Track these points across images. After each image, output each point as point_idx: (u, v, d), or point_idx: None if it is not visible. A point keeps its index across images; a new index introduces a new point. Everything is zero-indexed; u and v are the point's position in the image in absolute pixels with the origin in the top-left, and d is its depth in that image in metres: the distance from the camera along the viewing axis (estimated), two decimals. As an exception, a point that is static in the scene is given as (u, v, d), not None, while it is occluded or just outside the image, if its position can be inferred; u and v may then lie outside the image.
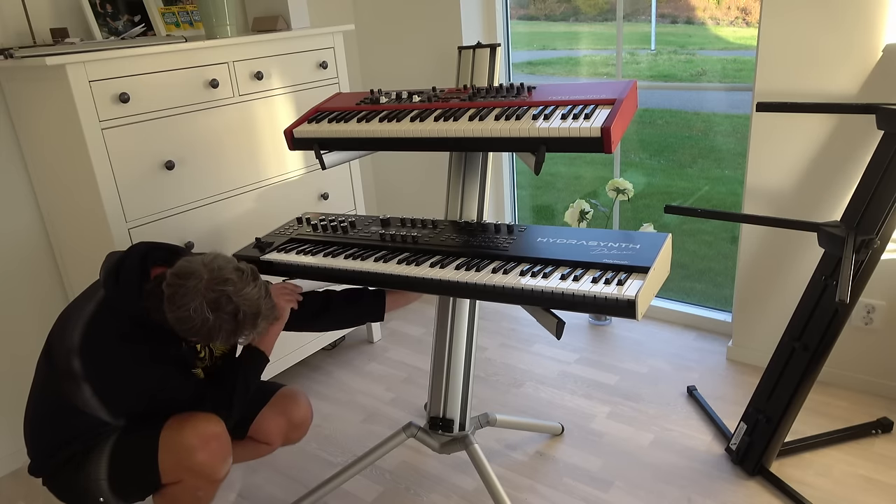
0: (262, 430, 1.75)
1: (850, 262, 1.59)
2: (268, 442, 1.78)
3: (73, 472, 1.49)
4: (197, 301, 1.38)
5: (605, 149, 1.36)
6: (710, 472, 1.97)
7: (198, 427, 1.48)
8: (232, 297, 1.40)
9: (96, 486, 1.48)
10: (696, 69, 6.19)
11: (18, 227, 2.11)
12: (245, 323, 1.43)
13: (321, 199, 2.47)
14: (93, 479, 1.48)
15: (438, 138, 1.55)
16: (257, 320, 1.45)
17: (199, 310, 1.38)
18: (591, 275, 1.39)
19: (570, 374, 2.51)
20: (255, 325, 1.45)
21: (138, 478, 1.51)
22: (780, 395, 1.85)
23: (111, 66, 1.81)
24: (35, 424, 1.53)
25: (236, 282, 1.41)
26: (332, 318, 1.80)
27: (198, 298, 1.38)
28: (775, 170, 2.23)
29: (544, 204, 5.04)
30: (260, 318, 1.46)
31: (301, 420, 1.80)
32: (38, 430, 1.53)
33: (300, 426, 1.81)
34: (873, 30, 1.94)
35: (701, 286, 3.61)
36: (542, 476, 2.00)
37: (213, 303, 1.39)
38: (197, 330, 1.40)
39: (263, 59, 2.18)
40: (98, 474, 1.48)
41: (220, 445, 1.50)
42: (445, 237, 1.66)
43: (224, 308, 1.40)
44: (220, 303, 1.39)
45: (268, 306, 1.48)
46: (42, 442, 1.52)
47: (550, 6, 6.17)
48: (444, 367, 1.83)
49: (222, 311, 1.40)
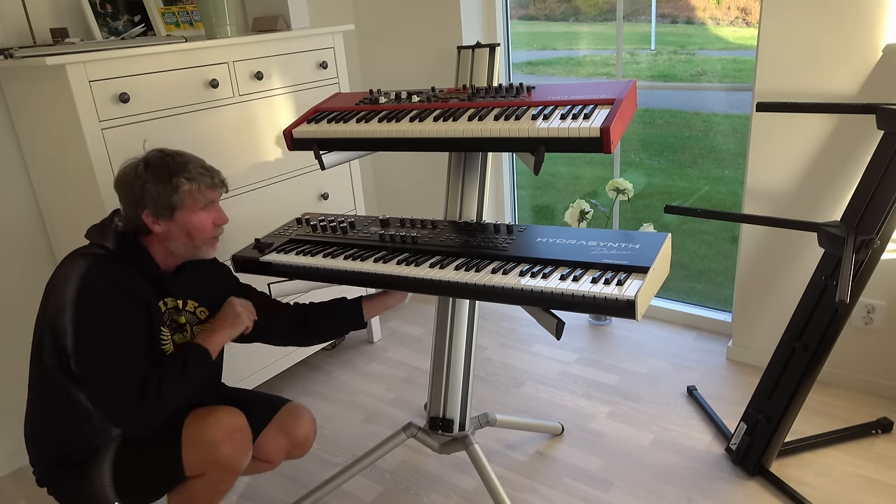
0: (263, 450, 1.72)
1: (850, 262, 1.59)
2: (269, 461, 1.76)
3: (77, 480, 1.48)
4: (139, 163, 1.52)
5: (604, 149, 1.36)
6: (710, 472, 1.97)
7: (221, 420, 1.50)
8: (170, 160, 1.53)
9: (101, 493, 1.48)
10: (696, 69, 6.19)
11: (18, 227, 2.11)
12: (176, 171, 1.51)
13: (321, 199, 2.47)
14: (97, 485, 1.47)
15: (438, 138, 1.55)
16: (188, 168, 1.53)
17: (136, 167, 1.51)
18: (591, 275, 1.39)
19: (570, 374, 2.51)
20: (188, 172, 1.52)
21: (156, 478, 1.50)
22: (780, 395, 1.85)
23: (111, 66, 1.81)
24: (34, 430, 1.53)
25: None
26: (313, 332, 1.80)
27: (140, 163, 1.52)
28: (775, 170, 2.23)
29: (544, 204, 5.04)
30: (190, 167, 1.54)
31: (303, 439, 1.77)
32: (38, 436, 1.53)
33: (302, 445, 1.77)
34: (873, 30, 1.94)
35: (701, 286, 3.61)
36: (542, 476, 2.00)
37: (149, 160, 1.52)
38: (130, 183, 1.50)
39: (263, 59, 2.18)
40: (102, 481, 1.47)
41: (242, 437, 1.52)
42: (445, 237, 1.66)
43: (158, 164, 1.51)
44: (157, 161, 1.52)
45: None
46: (41, 447, 1.52)
47: (550, 6, 6.17)
48: (443, 367, 1.83)
49: (156, 167, 1.50)
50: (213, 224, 1.58)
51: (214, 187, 1.58)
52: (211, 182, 1.57)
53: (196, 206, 1.54)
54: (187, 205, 1.52)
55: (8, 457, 2.19)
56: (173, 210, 1.51)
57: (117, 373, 1.41)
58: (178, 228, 1.53)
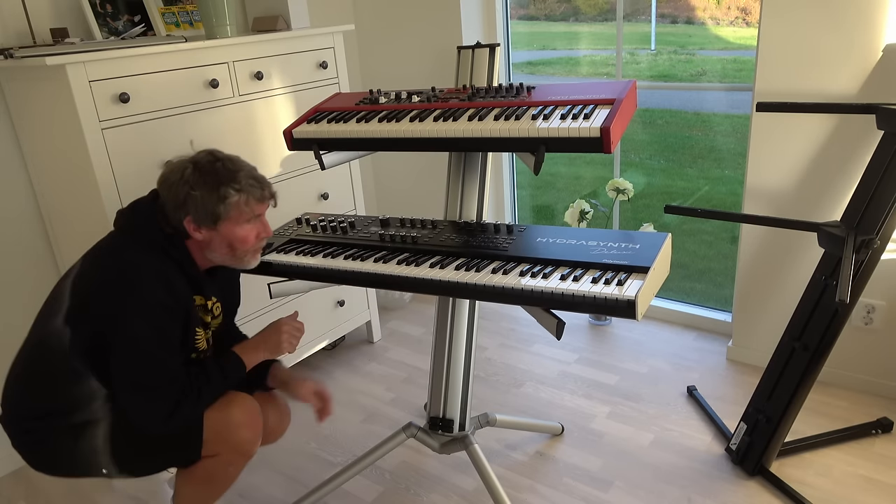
0: None
1: (850, 262, 1.59)
2: None
3: (70, 440, 1.44)
4: (187, 167, 1.46)
5: (604, 149, 1.36)
6: (710, 472, 1.97)
7: (244, 404, 1.51)
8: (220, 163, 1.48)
9: (92, 459, 1.45)
10: (696, 69, 6.19)
11: (18, 227, 2.11)
12: (225, 180, 1.45)
13: (321, 199, 2.47)
14: (86, 450, 1.44)
15: (438, 138, 1.55)
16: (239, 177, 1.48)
17: (183, 169, 1.45)
18: (591, 275, 1.39)
19: (570, 374, 2.51)
20: (238, 182, 1.46)
21: (166, 453, 1.49)
22: (780, 395, 1.85)
23: (111, 66, 1.81)
24: (21, 383, 1.48)
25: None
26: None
27: (188, 165, 1.46)
28: (775, 170, 2.23)
29: (544, 204, 5.04)
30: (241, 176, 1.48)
31: (273, 427, 1.74)
32: (24, 390, 1.48)
33: (273, 433, 1.74)
34: (873, 30, 1.94)
35: (701, 286, 3.61)
36: (542, 476, 2.00)
37: (198, 163, 1.47)
38: (174, 185, 1.44)
39: (263, 59, 2.18)
40: (95, 446, 1.44)
41: (259, 424, 1.54)
42: (445, 237, 1.66)
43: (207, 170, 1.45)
44: (206, 166, 1.46)
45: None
46: (24, 404, 1.47)
47: (550, 6, 6.17)
48: (443, 367, 1.83)
49: (205, 173, 1.45)
50: (257, 237, 1.54)
51: (263, 200, 1.52)
52: (261, 195, 1.51)
53: (241, 219, 1.48)
54: (232, 216, 1.46)
55: (8, 457, 2.19)
56: (217, 220, 1.45)
57: (153, 392, 1.41)
58: (219, 238, 1.48)
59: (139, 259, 1.42)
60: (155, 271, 1.41)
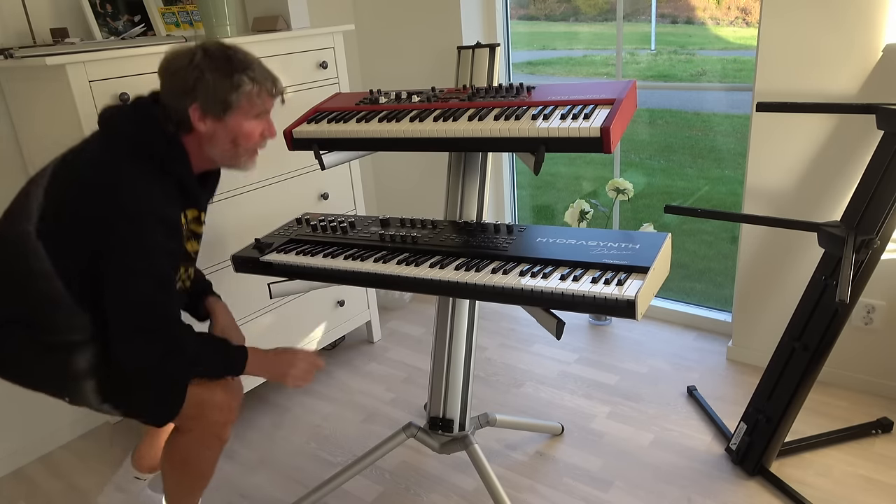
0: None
1: (850, 262, 1.59)
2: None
3: (40, 355, 1.33)
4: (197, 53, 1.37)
5: (604, 149, 1.36)
6: (710, 472, 1.97)
7: (229, 390, 1.52)
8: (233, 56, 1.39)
9: (75, 384, 1.36)
10: (696, 69, 6.20)
11: (18, 228, 2.11)
12: (240, 67, 1.37)
13: (321, 200, 2.47)
14: (65, 369, 1.35)
15: (438, 138, 1.55)
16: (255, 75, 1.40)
17: (192, 53, 1.36)
18: (591, 275, 1.39)
19: (570, 374, 2.51)
20: (253, 71, 1.39)
21: (149, 399, 1.42)
22: (780, 395, 1.85)
23: (111, 66, 1.81)
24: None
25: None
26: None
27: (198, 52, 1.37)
28: (775, 170, 2.23)
29: (544, 204, 5.04)
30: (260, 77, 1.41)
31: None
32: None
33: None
34: (873, 30, 1.94)
35: (701, 286, 3.61)
36: (542, 476, 2.00)
37: (209, 49, 1.38)
38: (182, 70, 1.34)
39: (263, 58, 2.16)
40: (76, 368, 1.35)
41: (235, 413, 1.54)
42: (445, 237, 1.66)
43: (221, 56, 1.37)
44: (218, 52, 1.37)
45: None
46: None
47: (550, 6, 6.18)
48: (443, 367, 1.83)
49: (218, 58, 1.36)
50: (261, 136, 1.48)
51: (274, 95, 1.47)
52: (273, 88, 1.45)
53: (251, 112, 1.42)
54: (243, 106, 1.40)
55: (8, 457, 2.19)
56: (227, 109, 1.38)
57: (149, 332, 1.32)
58: (224, 131, 1.41)
59: (134, 169, 1.31)
60: (155, 197, 1.31)
